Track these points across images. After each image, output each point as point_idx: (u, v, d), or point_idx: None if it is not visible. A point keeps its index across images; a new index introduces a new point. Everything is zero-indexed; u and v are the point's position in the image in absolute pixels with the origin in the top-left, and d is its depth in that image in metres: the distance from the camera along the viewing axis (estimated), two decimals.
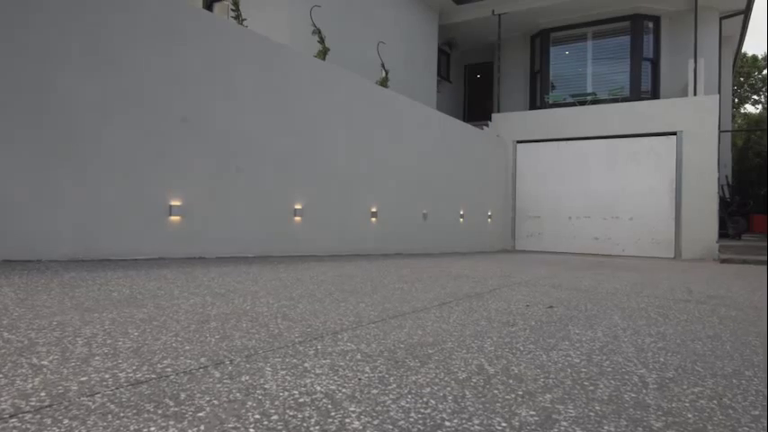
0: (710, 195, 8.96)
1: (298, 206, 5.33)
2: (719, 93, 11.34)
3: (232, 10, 5.40)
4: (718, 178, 9.43)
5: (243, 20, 5.27)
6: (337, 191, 5.96)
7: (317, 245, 5.61)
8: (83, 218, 3.53)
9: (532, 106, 12.21)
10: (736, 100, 30.56)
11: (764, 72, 30.15)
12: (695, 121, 9.07)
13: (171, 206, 4.05)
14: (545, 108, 11.60)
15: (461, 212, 8.79)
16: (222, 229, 4.54)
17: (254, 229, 4.84)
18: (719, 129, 9.24)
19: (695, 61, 9.34)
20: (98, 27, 3.60)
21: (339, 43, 8.37)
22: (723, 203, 10.25)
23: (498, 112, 11.31)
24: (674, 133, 9.28)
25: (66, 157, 3.44)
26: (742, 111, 32.14)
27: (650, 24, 10.99)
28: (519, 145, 10.68)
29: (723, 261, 8.15)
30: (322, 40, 6.29)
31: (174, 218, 4.08)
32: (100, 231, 3.62)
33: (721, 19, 11.10)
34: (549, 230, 10.33)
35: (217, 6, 8.74)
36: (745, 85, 31.27)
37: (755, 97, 31.75)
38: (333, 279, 3.49)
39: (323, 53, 6.27)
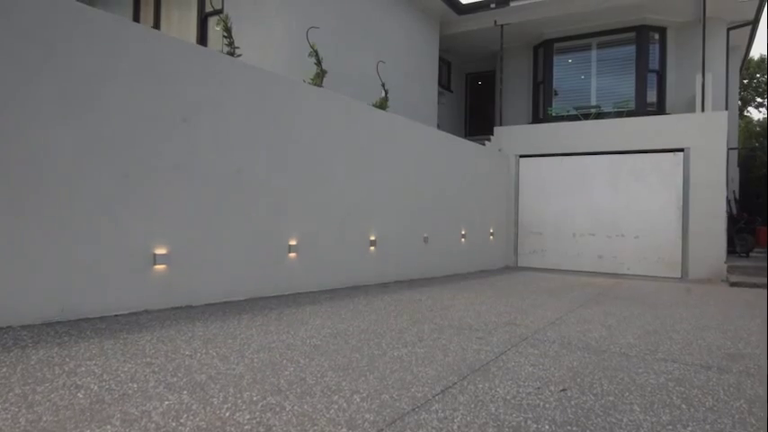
0: (718, 214, 8.72)
1: (293, 242, 5.09)
2: (727, 105, 11.10)
3: (225, 37, 5.15)
4: (726, 195, 9.19)
5: (235, 48, 5.01)
6: (335, 222, 5.72)
7: (312, 280, 5.38)
8: (58, 277, 3.29)
9: (535, 117, 11.96)
10: (740, 103, 30.28)
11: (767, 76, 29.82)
12: (703, 137, 8.82)
13: (156, 255, 3.81)
14: (548, 120, 11.36)
15: (463, 232, 8.56)
16: (211, 273, 4.30)
17: (245, 269, 4.61)
18: (728, 146, 9.00)
19: (703, 76, 9.09)
20: (71, 70, 3.35)
21: (337, 58, 8.14)
22: (731, 219, 10.00)
23: (500, 125, 11.06)
24: (681, 150, 9.04)
25: (37, 212, 3.20)
26: (745, 113, 31.84)
27: (656, 36, 10.73)
28: (521, 159, 10.43)
29: (733, 285, 7.91)
30: (319, 62, 6.04)
31: (160, 266, 3.84)
32: (77, 289, 3.39)
33: (729, 30, 10.84)
34: (552, 247, 10.09)
35: (211, 21, 8.49)
36: (749, 89, 30.98)
37: (759, 99, 31.45)
38: (327, 343, 3.25)
39: (320, 76, 6.02)
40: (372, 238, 6.29)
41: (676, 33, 10.81)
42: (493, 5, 10.41)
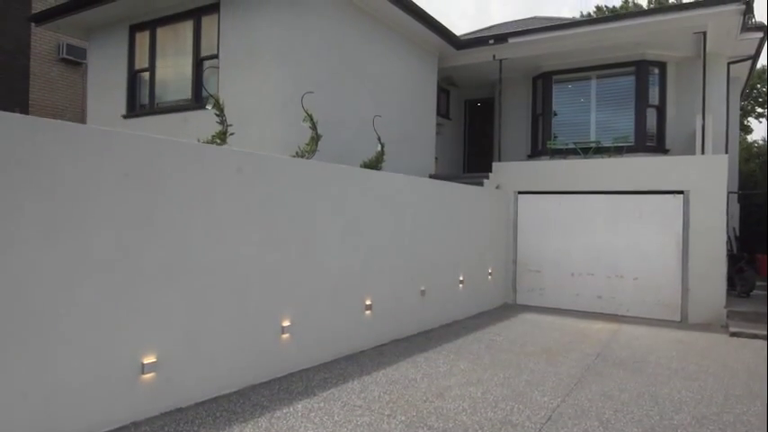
0: (718, 258, 8.64)
1: (286, 323, 5.02)
2: (727, 141, 11.03)
3: (216, 115, 5.08)
4: (727, 241, 9.13)
5: (228, 125, 4.94)
6: (328, 291, 5.65)
7: (306, 357, 5.31)
8: (39, 401, 3.21)
9: (534, 150, 11.88)
10: (741, 112, 30.15)
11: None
12: (703, 181, 8.74)
13: (144, 364, 3.73)
14: (547, 153, 11.29)
15: (461, 278, 8.48)
16: (202, 369, 4.23)
17: (236, 360, 4.54)
18: (728, 190, 8.91)
19: (703, 118, 9.01)
20: (55, 188, 3.28)
21: (335, 100, 8.08)
22: (731, 258, 9.92)
23: (499, 160, 10.98)
24: (681, 192, 8.95)
25: (22, 339, 3.12)
26: (745, 123, 31.71)
27: (656, 70, 10.64)
28: (520, 196, 10.35)
29: (733, 335, 7.84)
30: (314, 127, 5.97)
31: (148, 375, 3.77)
32: (60, 411, 3.31)
33: (729, 64, 10.75)
34: (551, 286, 10.01)
35: (207, 63, 8.41)
36: (749, 98, 30.85)
37: (760, 110, 31.34)
38: None
39: (315, 140, 5.95)
40: (368, 302, 6.22)
41: (676, 68, 10.72)
42: (491, 42, 10.33)
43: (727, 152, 10.48)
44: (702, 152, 9.02)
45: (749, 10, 8.23)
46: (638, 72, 10.61)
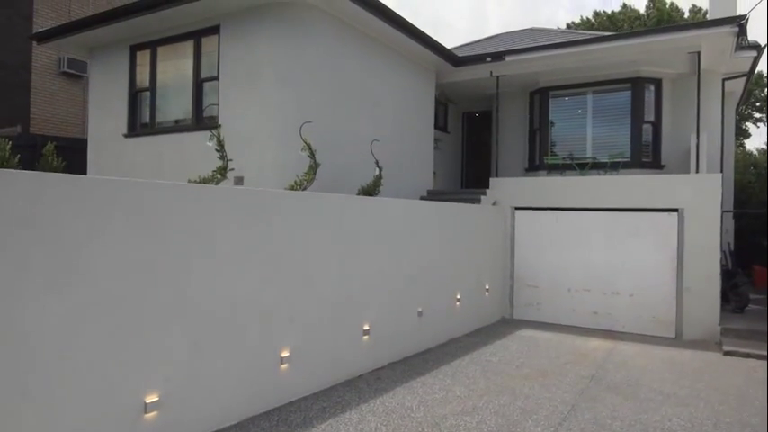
0: (712, 276, 8.75)
1: (285, 353, 5.13)
2: (722, 154, 11.14)
3: (217, 150, 5.19)
4: (722, 257, 9.24)
5: (228, 160, 5.06)
6: (328, 320, 5.76)
7: (305, 386, 5.41)
8: None
9: (531, 164, 12.00)
10: (738, 117, 30.26)
11: (766, 91, 29.77)
12: (697, 199, 8.85)
13: (146, 404, 3.84)
14: (544, 168, 11.41)
15: (458, 296, 8.59)
16: (204, 404, 4.34)
17: (236, 393, 4.64)
18: (723, 207, 9.02)
19: (697, 137, 9.11)
20: (60, 239, 3.38)
21: (334, 120, 8.19)
22: (725, 274, 10.02)
23: (497, 175, 11.09)
24: (676, 210, 9.06)
25: (26, 387, 3.23)
26: (743, 126, 31.81)
27: (651, 87, 10.75)
28: (517, 211, 10.46)
29: (726, 353, 7.95)
30: (312, 155, 6.08)
31: (150, 414, 3.88)
32: None
33: (724, 80, 10.86)
34: (547, 301, 10.12)
35: (207, 86, 8.52)
36: (746, 103, 30.94)
37: (757, 115, 31.43)
38: None
39: (313, 169, 6.06)
40: (366, 327, 6.33)
41: (672, 84, 10.83)
42: (488, 59, 10.44)
43: (722, 168, 10.61)
44: (697, 170, 9.14)
45: (742, 32, 8.34)
46: (634, 88, 10.72)
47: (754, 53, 9.87)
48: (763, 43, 9.96)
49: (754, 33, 23.14)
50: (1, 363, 3.11)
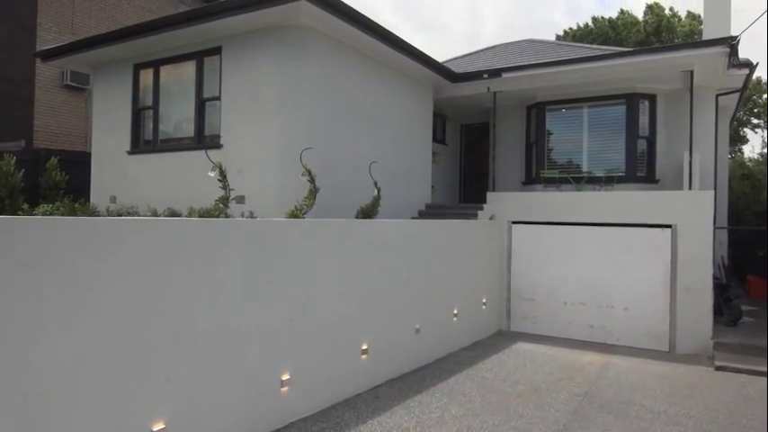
0: (705, 291, 8.91)
1: (285, 377, 5.29)
2: (716, 169, 11.30)
3: (219, 180, 5.36)
4: (716, 270, 9.39)
5: (231, 190, 5.22)
6: (327, 342, 5.92)
7: (305, 406, 5.58)
8: None
9: (528, 177, 12.16)
10: (735, 123, 30.42)
11: (765, 96, 29.91)
12: (690, 215, 9.01)
13: None
14: (541, 182, 11.58)
15: (455, 312, 8.75)
16: (206, 430, 4.50)
17: (238, 417, 4.80)
18: (717, 221, 9.19)
19: (690, 155, 9.28)
20: (71, 280, 3.55)
21: (332, 145, 8.36)
22: (718, 287, 10.18)
23: (494, 190, 11.26)
24: (669, 226, 9.22)
25: (41, 419, 3.40)
26: (741, 133, 31.96)
27: (646, 102, 10.93)
28: (514, 226, 10.62)
29: (718, 368, 8.11)
30: (312, 180, 6.24)
31: None
32: None
33: (718, 96, 11.03)
34: (544, 314, 10.28)
35: (209, 106, 8.69)
36: (745, 109, 31.10)
37: (756, 120, 31.57)
38: None
39: (313, 193, 6.23)
40: (364, 347, 6.49)
41: (666, 100, 11.01)
42: (485, 76, 10.61)
43: (716, 182, 10.77)
44: (690, 187, 9.30)
45: (734, 52, 8.51)
46: (629, 104, 10.90)
47: (747, 70, 10.04)
48: (755, 60, 10.13)
49: (750, 50, 23.35)
50: (16, 396, 3.27)
